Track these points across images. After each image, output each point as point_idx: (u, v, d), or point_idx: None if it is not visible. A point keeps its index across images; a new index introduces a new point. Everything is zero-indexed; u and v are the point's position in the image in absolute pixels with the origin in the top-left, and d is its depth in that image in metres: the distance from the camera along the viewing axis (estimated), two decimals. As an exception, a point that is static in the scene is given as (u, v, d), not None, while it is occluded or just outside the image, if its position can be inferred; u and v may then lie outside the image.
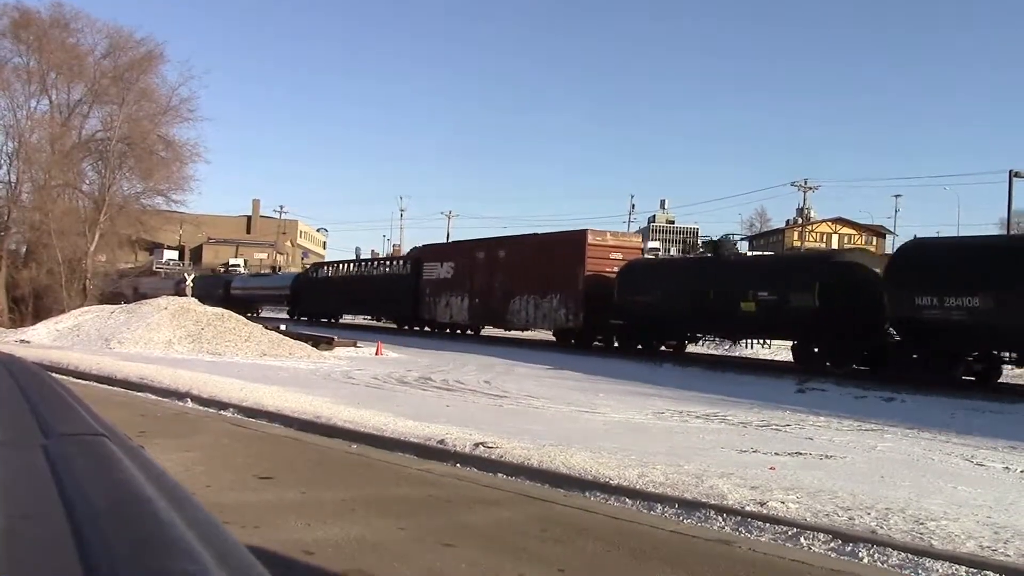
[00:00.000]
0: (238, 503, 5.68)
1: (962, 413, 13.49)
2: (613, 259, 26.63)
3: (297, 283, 48.03)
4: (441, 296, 32.96)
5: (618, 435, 10.12)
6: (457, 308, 32.14)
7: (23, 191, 34.02)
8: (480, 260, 31.07)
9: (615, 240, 28.30)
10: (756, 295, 20.72)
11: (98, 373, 15.40)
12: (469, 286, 31.31)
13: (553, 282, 27.14)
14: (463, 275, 31.77)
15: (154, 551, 0.87)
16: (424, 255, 35.95)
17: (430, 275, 33.94)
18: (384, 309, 39.43)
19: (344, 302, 42.40)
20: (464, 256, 32.33)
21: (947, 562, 5.01)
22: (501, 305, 29.61)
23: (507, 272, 29.56)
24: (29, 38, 33.92)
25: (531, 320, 28.66)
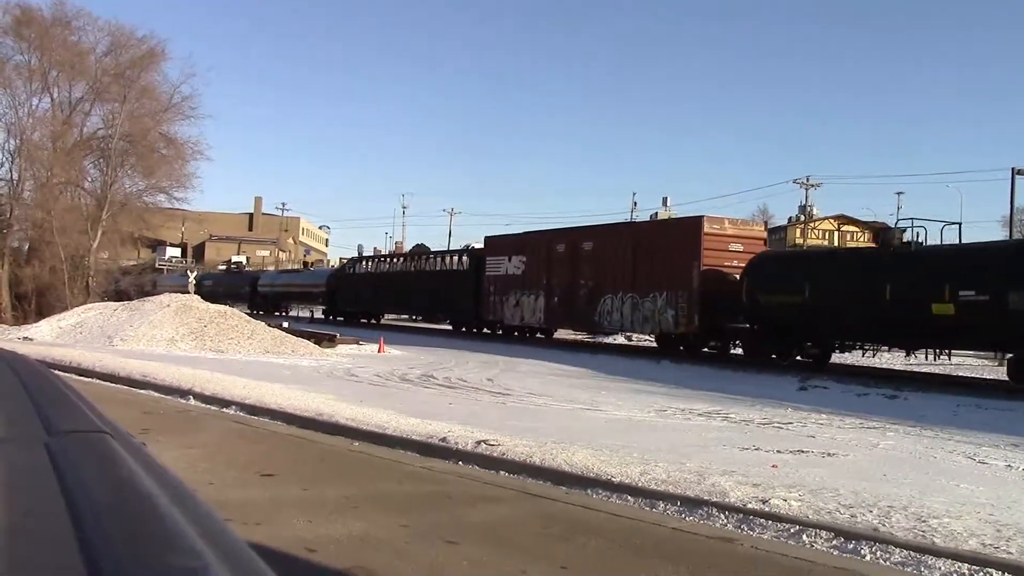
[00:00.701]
0: (240, 500, 5.68)
1: (964, 410, 13.48)
2: (732, 251, 22.78)
3: (333, 280, 44.58)
4: (509, 294, 29.50)
5: (620, 433, 10.12)
6: (529, 308, 28.71)
7: (25, 188, 34.08)
8: (560, 253, 27.41)
9: (735, 228, 23.84)
10: (956, 294, 16.63)
11: (101, 370, 15.42)
12: (545, 283, 27.82)
13: (657, 279, 23.48)
14: (537, 270, 28.28)
15: (156, 548, 0.87)
16: (488, 248, 32.12)
17: (495, 270, 30.46)
18: (437, 309, 35.87)
19: (387, 301, 39.16)
20: (539, 248, 28.61)
21: (949, 560, 5.01)
22: (586, 305, 26.04)
23: (595, 267, 25.86)
24: (31, 36, 33.95)
25: (626, 323, 25.10)
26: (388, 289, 38.04)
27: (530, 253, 29.06)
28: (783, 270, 21.38)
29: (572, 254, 26.99)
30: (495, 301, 30.29)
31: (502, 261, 30.28)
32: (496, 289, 30.27)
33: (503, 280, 29.99)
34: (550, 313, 28.03)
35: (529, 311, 28.80)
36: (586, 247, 26.58)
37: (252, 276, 56.52)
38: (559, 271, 27.41)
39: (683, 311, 22.95)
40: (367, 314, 41.22)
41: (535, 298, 28.44)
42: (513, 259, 29.74)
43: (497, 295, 30.19)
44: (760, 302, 20.60)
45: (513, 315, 29.53)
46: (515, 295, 29.30)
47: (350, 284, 42.08)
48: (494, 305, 30.36)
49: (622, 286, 24.85)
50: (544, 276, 28.02)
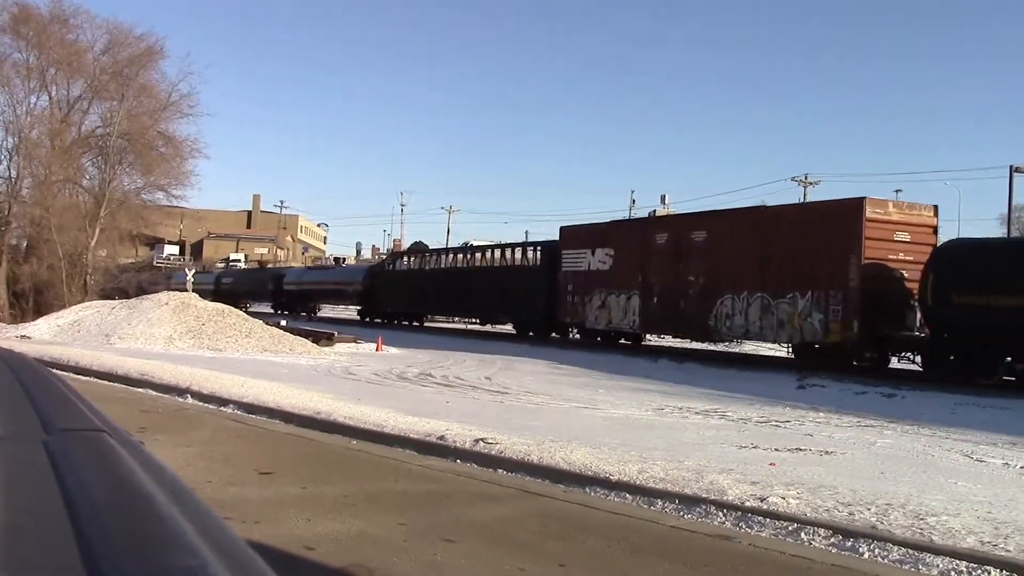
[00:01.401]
0: (238, 498, 5.68)
1: (962, 409, 13.51)
2: (898, 242, 18.77)
3: (370, 277, 40.61)
4: (592, 294, 25.64)
5: (618, 431, 10.13)
6: (618, 310, 24.78)
7: (23, 186, 34.06)
8: (660, 245, 23.58)
9: (900, 213, 19.19)
10: None
11: (99, 369, 15.41)
12: (640, 281, 23.92)
13: (798, 275, 19.53)
14: (630, 266, 24.38)
15: (154, 546, 0.87)
16: (564, 240, 27.91)
17: (574, 266, 26.60)
18: (499, 310, 31.45)
19: (435, 301, 35.21)
20: (632, 240, 24.82)
21: (947, 557, 5.02)
22: (697, 307, 22.16)
23: (709, 261, 21.88)
24: (29, 34, 33.91)
25: (752, 328, 20.83)
26: (437, 288, 34.41)
27: (620, 245, 25.13)
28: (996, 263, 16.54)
29: (677, 246, 23.05)
30: (574, 302, 26.46)
31: (583, 255, 26.35)
32: (575, 288, 26.42)
33: (584, 277, 26.11)
34: (647, 316, 23.97)
35: (618, 313, 24.84)
36: (697, 237, 22.48)
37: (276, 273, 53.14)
38: (659, 266, 23.48)
39: (835, 315, 18.81)
40: (410, 315, 37.79)
41: (626, 298, 24.50)
42: (597, 252, 25.74)
43: (576, 295, 26.35)
44: (954, 304, 16.25)
45: (597, 318, 25.64)
46: (600, 295, 25.42)
47: (390, 282, 38.38)
48: (572, 306, 26.54)
49: (747, 284, 20.79)
50: (639, 272, 24.03)
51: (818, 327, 19.29)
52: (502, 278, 30.55)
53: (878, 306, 18.30)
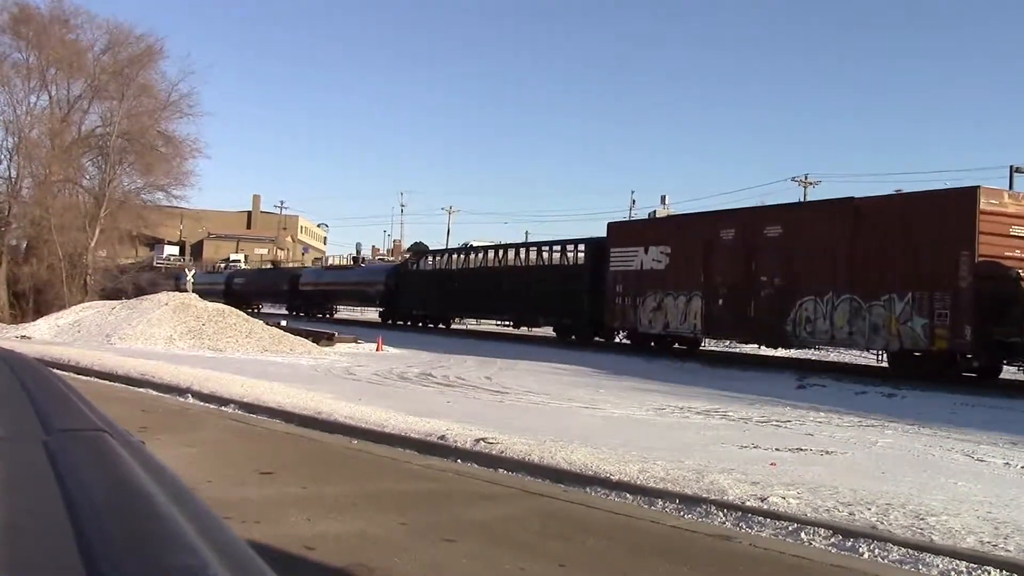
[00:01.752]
0: (239, 498, 5.68)
1: (963, 409, 13.51)
2: (1015, 237, 16.91)
3: (393, 277, 38.85)
4: (645, 295, 23.76)
5: (619, 431, 10.13)
6: (676, 313, 22.83)
7: (23, 186, 34.08)
8: (726, 242, 21.50)
9: (1017, 206, 17.34)
10: None
11: (99, 369, 15.41)
12: (702, 280, 22.05)
13: (896, 274, 17.52)
14: (690, 264, 22.50)
15: (154, 545, 0.87)
16: (613, 236, 25.93)
17: (623, 265, 24.77)
18: (538, 313, 29.48)
19: (465, 302, 33.32)
20: (692, 236, 22.77)
21: (947, 557, 5.02)
22: (772, 310, 20.06)
23: (786, 258, 19.85)
24: (29, 34, 33.93)
25: (839, 333, 18.70)
26: (466, 288, 32.65)
27: (678, 242, 23.18)
28: None
29: (747, 242, 20.98)
30: (623, 303, 24.57)
31: (634, 253, 24.41)
32: (625, 288, 24.51)
33: (635, 277, 24.27)
34: (711, 320, 21.93)
35: (676, 317, 22.85)
36: (770, 233, 20.43)
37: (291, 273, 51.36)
38: (725, 265, 21.43)
39: (942, 319, 16.84)
40: (436, 317, 36.23)
41: (686, 300, 22.53)
42: (651, 250, 23.84)
43: (627, 296, 24.43)
44: None
45: (652, 321, 23.64)
46: (655, 296, 23.45)
47: (415, 282, 36.66)
48: (621, 308, 24.66)
49: (833, 284, 18.78)
50: (700, 271, 22.08)
51: (920, 333, 17.18)
52: (541, 278, 28.87)
53: (993, 309, 16.42)
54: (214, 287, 56.73)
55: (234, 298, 53.15)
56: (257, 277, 56.99)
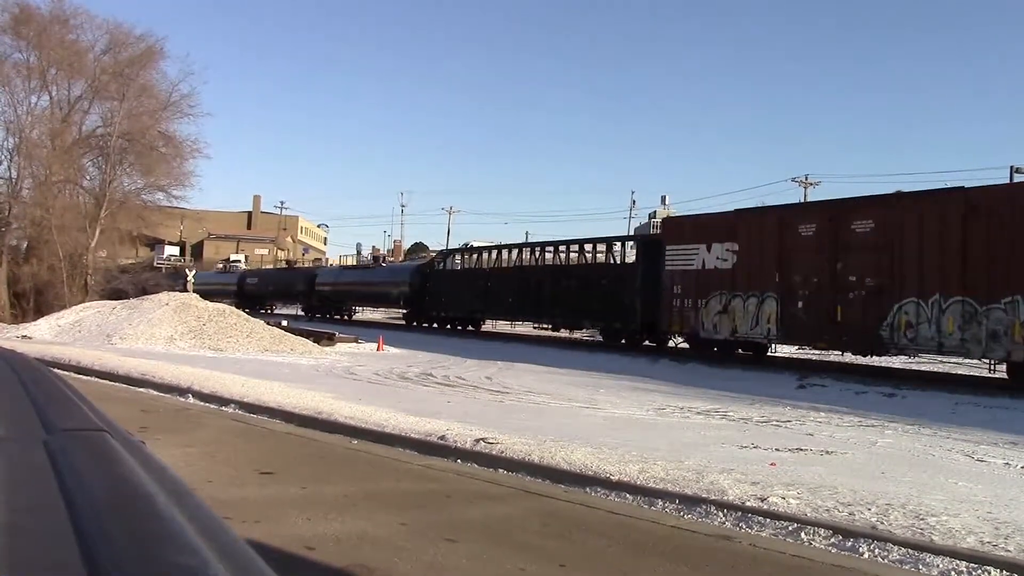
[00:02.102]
0: (239, 498, 5.69)
1: (963, 409, 13.50)
2: None
3: (418, 277, 36.95)
4: (709, 297, 21.82)
5: (619, 431, 10.13)
6: (746, 317, 20.83)
7: (24, 187, 34.11)
8: (806, 238, 19.63)
9: None
10: None
11: (100, 369, 15.42)
12: (777, 280, 20.09)
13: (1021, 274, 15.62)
14: (763, 263, 20.53)
15: (155, 545, 0.87)
16: (669, 233, 24.30)
17: (681, 264, 22.80)
18: (580, 315, 27.49)
19: (500, 304, 31.30)
20: (766, 232, 20.66)
21: (947, 557, 5.02)
22: (864, 313, 18.17)
23: (880, 256, 17.97)
24: (29, 34, 33.96)
25: (948, 340, 16.74)
26: (501, 289, 30.99)
27: (748, 239, 21.07)
28: None
29: (832, 238, 19.07)
30: (682, 306, 22.63)
31: (695, 251, 22.46)
32: (684, 290, 22.62)
33: (696, 277, 22.32)
34: (789, 324, 19.92)
35: (746, 320, 20.88)
36: (860, 228, 18.56)
37: (308, 273, 49.28)
38: (806, 263, 19.58)
39: None
40: (464, 319, 34.44)
41: (758, 302, 20.56)
42: (715, 248, 21.82)
43: (686, 298, 22.52)
44: None
45: (716, 326, 21.66)
46: (720, 298, 21.53)
47: (442, 282, 34.94)
48: (680, 311, 22.70)
49: (940, 285, 16.91)
50: (775, 271, 20.18)
51: None
52: (586, 278, 27.06)
53: None
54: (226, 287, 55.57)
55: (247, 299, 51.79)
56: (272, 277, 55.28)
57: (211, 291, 53.83)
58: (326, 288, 44.76)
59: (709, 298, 21.86)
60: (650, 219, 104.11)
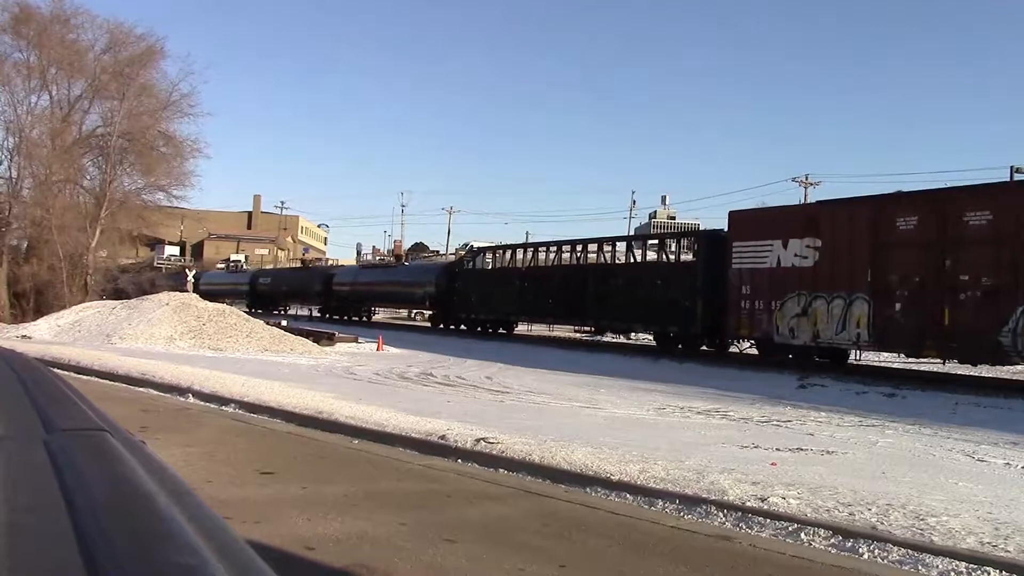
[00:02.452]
0: (239, 498, 5.69)
1: (963, 409, 13.51)
2: None
3: (445, 277, 35.08)
4: (786, 297, 19.88)
5: (619, 431, 10.13)
6: (831, 320, 18.90)
7: (24, 186, 34.12)
8: (906, 232, 17.74)
9: None
10: None
11: (100, 369, 15.42)
12: (868, 279, 18.21)
13: None
14: (850, 260, 18.59)
15: (155, 545, 0.87)
16: (737, 228, 21.92)
17: (752, 261, 20.90)
18: (631, 318, 25.44)
19: (535, 305, 29.41)
20: (854, 225, 18.70)
21: (947, 558, 5.02)
22: (979, 317, 16.34)
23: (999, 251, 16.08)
24: (29, 33, 33.96)
25: None
26: (539, 290, 29.07)
27: (832, 233, 19.17)
28: None
29: (939, 231, 17.14)
30: (752, 308, 20.73)
31: (766, 247, 20.54)
32: (754, 290, 20.76)
33: (769, 276, 20.37)
34: (884, 328, 17.91)
35: (830, 324, 18.92)
36: (975, 219, 16.53)
37: (325, 272, 47.48)
38: (904, 260, 17.71)
39: None
40: (498, 321, 32.54)
41: (844, 304, 18.65)
42: (792, 244, 19.93)
43: (757, 299, 20.65)
44: None
45: (795, 330, 19.70)
46: (799, 299, 19.60)
47: (473, 283, 32.97)
48: (749, 313, 20.81)
49: None
50: (867, 269, 18.27)
51: None
52: (636, 278, 25.17)
53: None
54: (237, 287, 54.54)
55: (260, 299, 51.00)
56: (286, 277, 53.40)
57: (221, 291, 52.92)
58: (344, 288, 43.21)
59: (785, 299, 19.94)
60: (650, 219, 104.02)
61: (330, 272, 47.06)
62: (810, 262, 19.59)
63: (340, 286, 43.45)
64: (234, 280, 57.18)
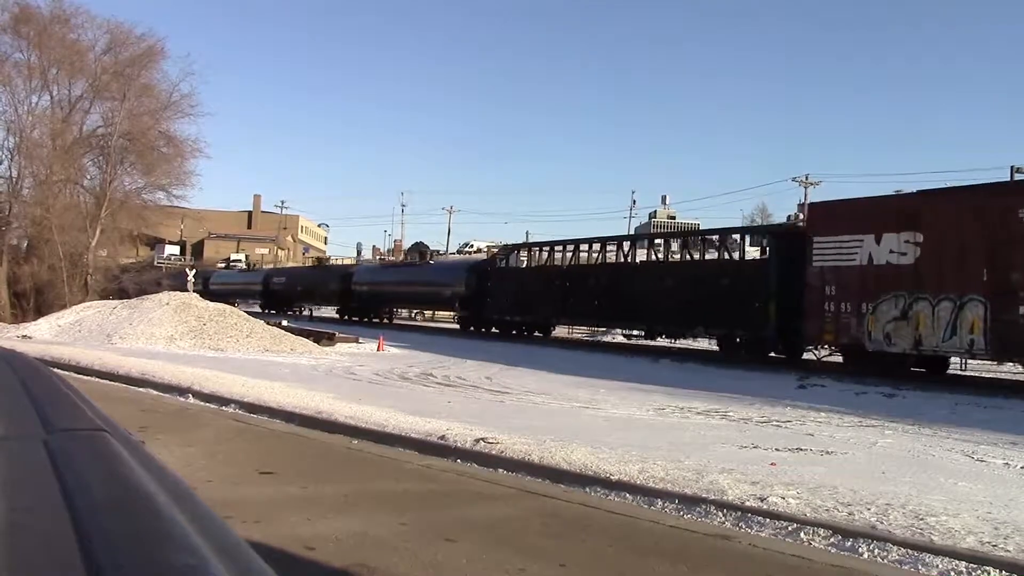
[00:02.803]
0: (239, 498, 5.69)
1: (963, 409, 13.51)
2: None
3: (475, 276, 33.07)
4: (879, 299, 17.91)
5: (619, 431, 10.13)
6: (937, 324, 16.89)
7: (24, 186, 34.10)
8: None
9: None
10: None
11: (100, 369, 15.42)
12: (984, 279, 16.21)
13: None
14: (960, 256, 16.62)
15: (154, 545, 0.87)
16: (819, 222, 19.98)
17: (837, 258, 18.82)
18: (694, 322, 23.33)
19: (580, 307, 27.37)
20: (964, 217, 16.70)
21: (947, 557, 5.02)
22: None
23: None
24: (30, 33, 33.94)
25: None
26: (583, 291, 27.06)
27: (937, 226, 17.10)
28: None
29: None
30: (839, 310, 18.63)
31: (856, 243, 18.45)
32: (841, 290, 18.67)
33: (861, 275, 18.30)
34: (1005, 334, 15.85)
35: (936, 329, 16.86)
36: None
37: (343, 271, 45.57)
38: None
39: None
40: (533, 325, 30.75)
41: (954, 306, 16.59)
42: (887, 238, 17.89)
43: (844, 300, 18.56)
44: None
45: (891, 335, 17.68)
46: (895, 301, 17.64)
47: (507, 282, 30.88)
48: (834, 317, 18.69)
49: None
50: (983, 267, 16.20)
51: None
52: (697, 278, 23.22)
53: None
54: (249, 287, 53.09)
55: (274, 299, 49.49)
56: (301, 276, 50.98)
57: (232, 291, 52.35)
58: (364, 288, 41.21)
59: (879, 301, 17.87)
60: (650, 219, 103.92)
61: (349, 271, 45.21)
62: (909, 259, 17.52)
63: (360, 286, 41.61)
64: (246, 279, 55.67)
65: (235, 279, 57.60)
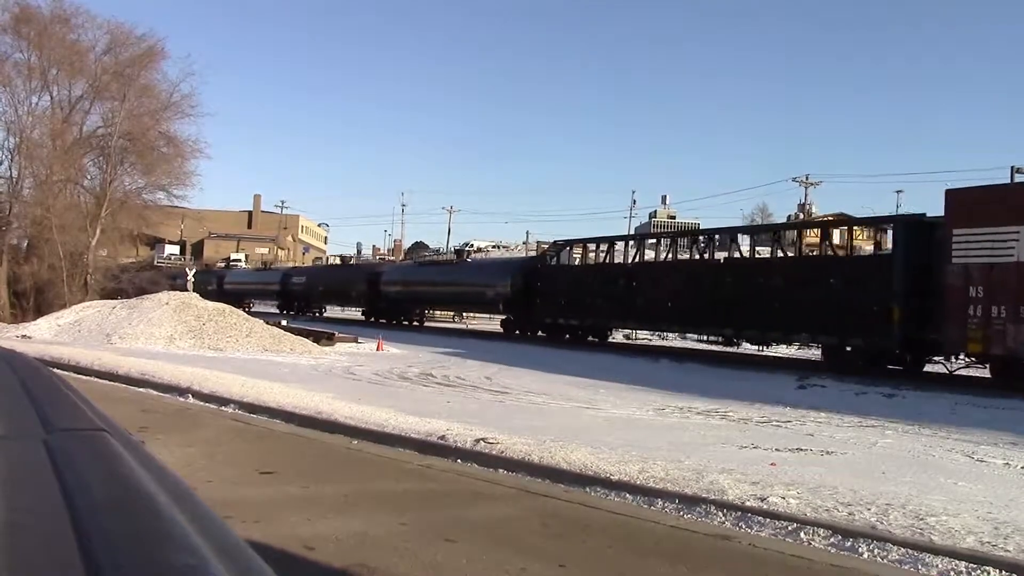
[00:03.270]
0: (239, 498, 5.68)
1: (963, 409, 13.51)
2: None
3: (521, 276, 30.50)
4: None
5: (618, 431, 10.13)
6: None
7: (25, 186, 34.08)
8: None
9: None
10: None
11: (99, 369, 15.41)
12: None
13: None
14: None
15: (155, 545, 0.87)
16: (959, 211, 16.76)
17: (983, 254, 16.09)
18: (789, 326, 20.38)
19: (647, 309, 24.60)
20: None
21: (947, 557, 5.02)
22: None
23: None
24: (30, 34, 33.93)
25: None
26: (652, 291, 24.43)
27: None
28: None
29: None
30: (987, 316, 15.91)
31: (1011, 235, 15.72)
32: (990, 292, 15.93)
33: (1018, 274, 15.54)
34: None
35: None
36: None
37: (370, 271, 42.64)
38: None
39: None
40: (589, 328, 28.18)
41: None
42: None
43: (996, 304, 15.83)
44: None
45: None
46: None
47: (559, 282, 28.37)
48: (982, 323, 15.99)
49: None
50: None
51: None
52: (798, 277, 20.55)
53: None
54: (266, 287, 51.06)
55: (292, 300, 47.66)
56: (323, 275, 48.50)
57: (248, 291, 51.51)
58: (395, 289, 38.45)
59: None
60: (650, 218, 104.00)
61: (377, 270, 42.16)
62: None
63: (389, 286, 38.82)
64: (263, 279, 53.33)
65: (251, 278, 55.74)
